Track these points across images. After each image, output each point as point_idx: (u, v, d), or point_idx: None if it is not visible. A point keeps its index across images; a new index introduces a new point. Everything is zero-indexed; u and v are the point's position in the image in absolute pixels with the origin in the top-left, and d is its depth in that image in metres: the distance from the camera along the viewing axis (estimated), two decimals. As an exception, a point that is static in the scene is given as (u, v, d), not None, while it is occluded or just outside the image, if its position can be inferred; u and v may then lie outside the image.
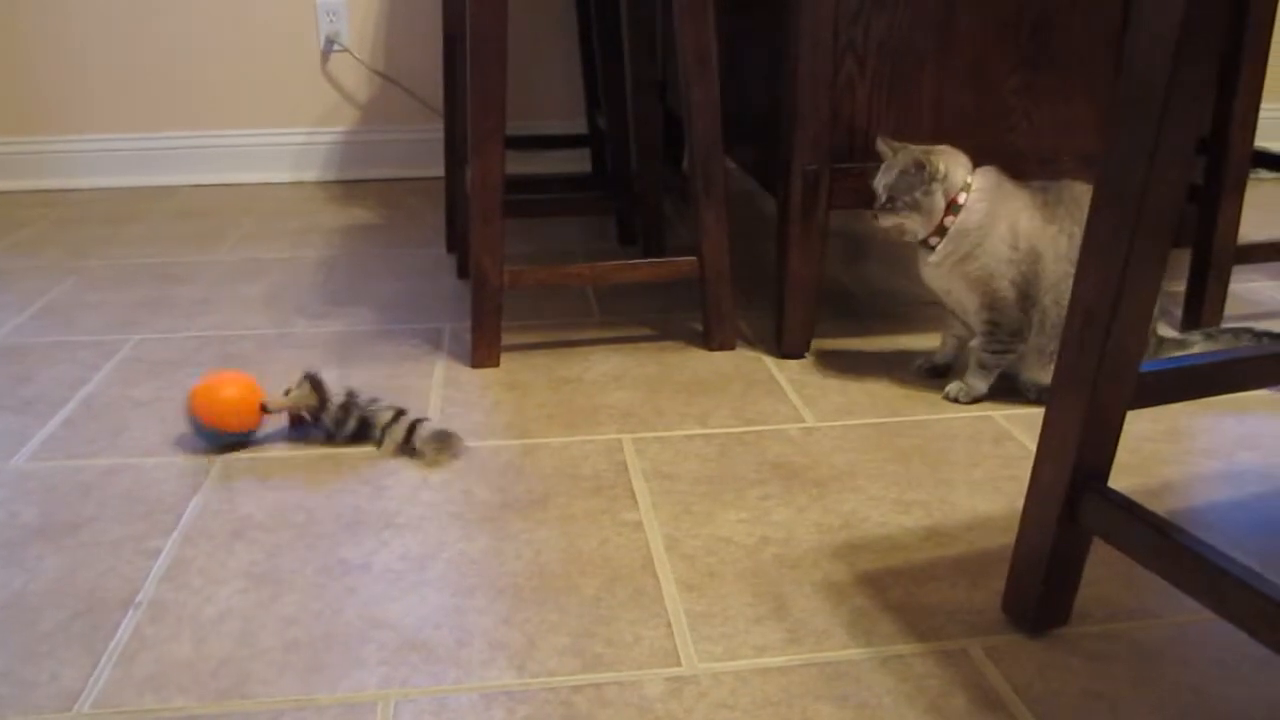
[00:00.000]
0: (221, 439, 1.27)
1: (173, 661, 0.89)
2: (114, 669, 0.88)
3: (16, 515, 1.13)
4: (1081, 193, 1.32)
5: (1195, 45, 0.74)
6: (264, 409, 1.27)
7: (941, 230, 1.33)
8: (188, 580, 1.01)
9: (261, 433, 1.30)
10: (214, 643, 0.92)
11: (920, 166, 1.32)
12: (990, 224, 1.32)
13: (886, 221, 1.36)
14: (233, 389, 1.26)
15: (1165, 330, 1.43)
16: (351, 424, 1.28)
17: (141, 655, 0.90)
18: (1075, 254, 1.29)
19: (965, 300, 1.36)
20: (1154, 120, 0.76)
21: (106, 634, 0.93)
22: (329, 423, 1.28)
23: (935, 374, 1.47)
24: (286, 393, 1.29)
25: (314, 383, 1.28)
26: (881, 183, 1.36)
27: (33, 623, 0.94)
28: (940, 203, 1.33)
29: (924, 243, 1.36)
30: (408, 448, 1.26)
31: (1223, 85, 1.52)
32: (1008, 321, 1.33)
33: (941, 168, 1.32)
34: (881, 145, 1.38)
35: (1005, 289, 1.32)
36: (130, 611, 0.96)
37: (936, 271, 1.36)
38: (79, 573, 1.02)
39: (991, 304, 1.33)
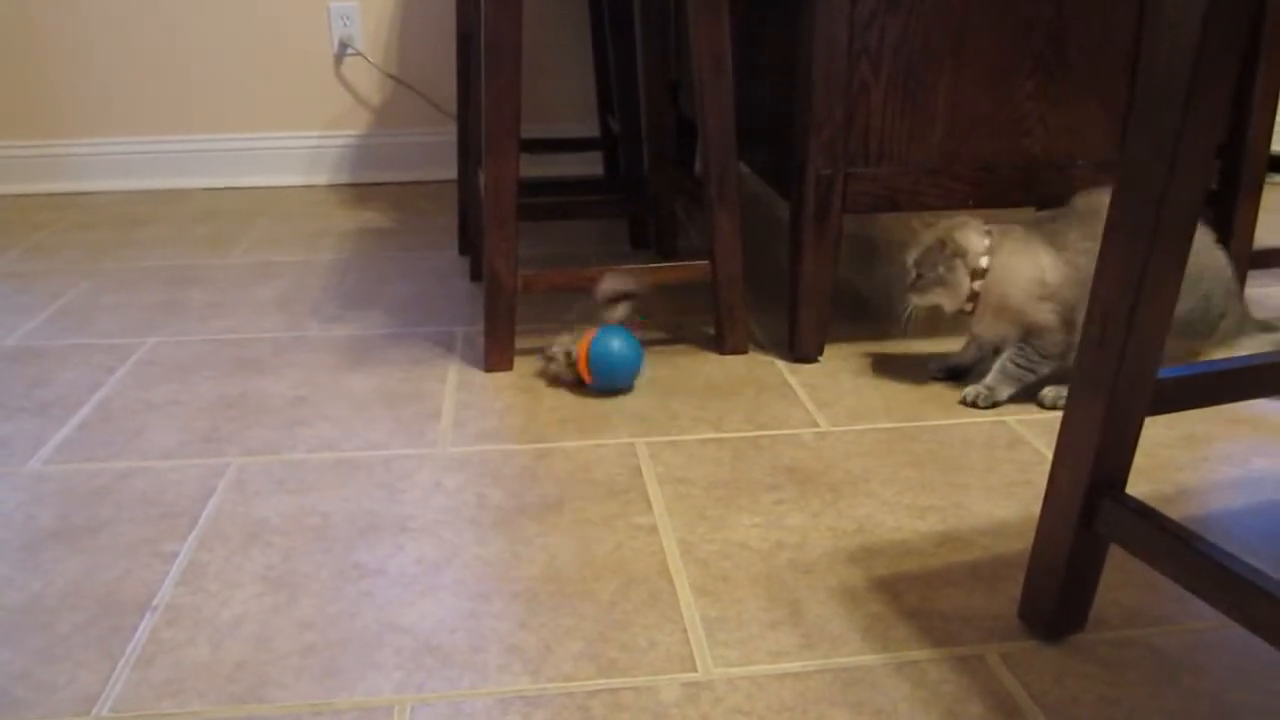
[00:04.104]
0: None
1: (190, 665, 0.89)
2: (132, 672, 0.89)
3: (33, 518, 1.14)
4: (1095, 203, 1.34)
5: (1217, 47, 0.73)
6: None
7: (974, 296, 1.37)
8: (204, 584, 1.01)
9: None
10: (231, 646, 0.92)
11: (943, 245, 1.36)
12: (1012, 276, 1.35)
13: (919, 300, 1.41)
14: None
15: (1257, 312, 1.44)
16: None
17: (159, 659, 0.90)
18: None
19: (1010, 335, 1.39)
20: (1174, 122, 0.75)
21: (124, 637, 0.93)
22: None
23: (951, 376, 1.47)
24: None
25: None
26: (910, 259, 1.41)
27: (50, 625, 0.95)
28: (963, 278, 1.36)
29: (961, 311, 1.40)
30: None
31: (1239, 89, 1.52)
32: (1043, 345, 1.36)
33: (961, 244, 1.36)
34: (915, 223, 1.43)
35: (1044, 316, 1.35)
36: (147, 615, 0.96)
37: (981, 327, 1.41)
38: (96, 576, 1.03)
39: (1030, 331, 1.36)
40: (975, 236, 1.37)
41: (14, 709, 0.84)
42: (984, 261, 1.36)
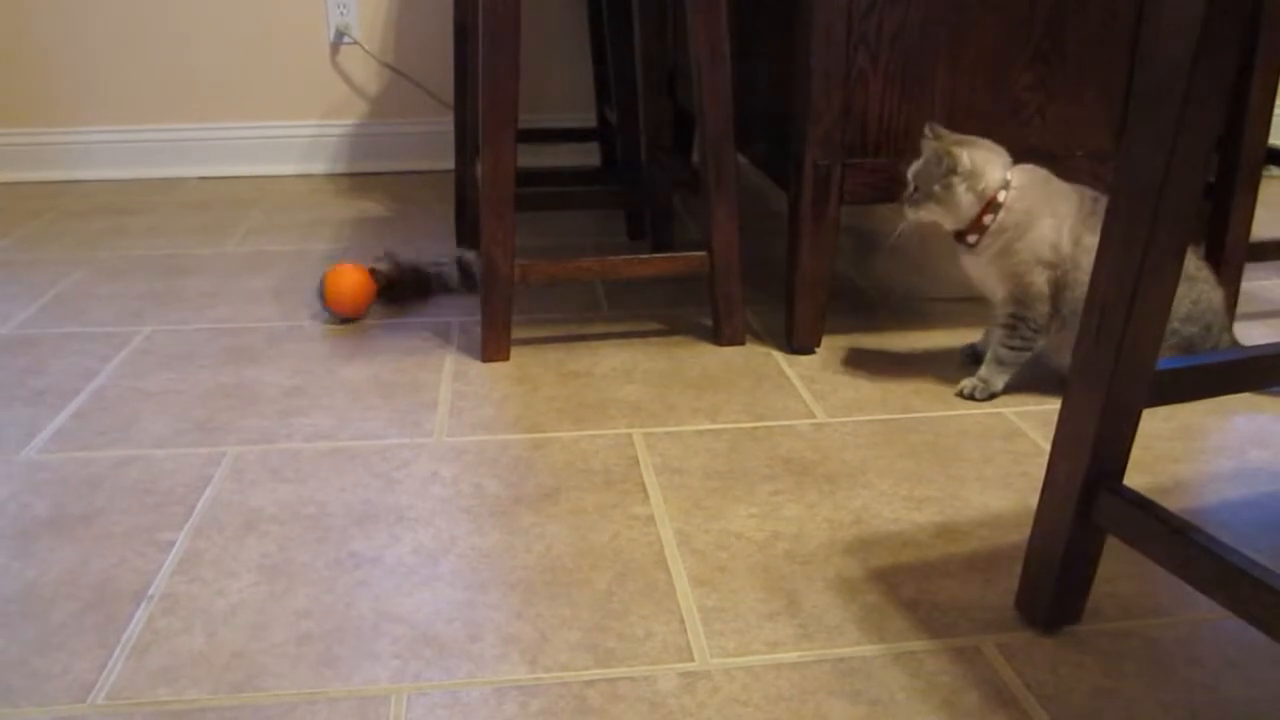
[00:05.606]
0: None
1: (186, 654, 0.89)
2: (127, 661, 0.88)
3: (28, 507, 1.13)
4: None
5: (1217, 35, 0.73)
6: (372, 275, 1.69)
7: (981, 228, 1.33)
8: (200, 573, 1.01)
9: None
10: (226, 635, 0.92)
11: (940, 159, 1.31)
12: (1030, 222, 1.31)
13: (910, 214, 1.36)
14: (351, 276, 1.66)
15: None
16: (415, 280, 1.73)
17: (154, 647, 0.90)
18: None
19: (996, 290, 1.36)
20: (1173, 114, 0.75)
21: (119, 626, 0.93)
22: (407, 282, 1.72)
23: (978, 361, 1.46)
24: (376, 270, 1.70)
25: (389, 254, 1.76)
26: (910, 170, 1.36)
27: (45, 614, 0.95)
28: (963, 198, 1.31)
29: (961, 238, 1.35)
30: (469, 281, 1.77)
31: (1237, 81, 1.51)
32: (1034, 316, 1.33)
33: (966, 162, 1.30)
34: (927, 130, 1.36)
35: (1040, 283, 1.32)
36: (143, 604, 0.96)
37: (973, 261, 1.36)
38: (91, 564, 1.02)
39: (1021, 298, 1.33)
40: (995, 165, 1.31)
41: (8, 697, 0.84)
42: (1001, 195, 1.30)
